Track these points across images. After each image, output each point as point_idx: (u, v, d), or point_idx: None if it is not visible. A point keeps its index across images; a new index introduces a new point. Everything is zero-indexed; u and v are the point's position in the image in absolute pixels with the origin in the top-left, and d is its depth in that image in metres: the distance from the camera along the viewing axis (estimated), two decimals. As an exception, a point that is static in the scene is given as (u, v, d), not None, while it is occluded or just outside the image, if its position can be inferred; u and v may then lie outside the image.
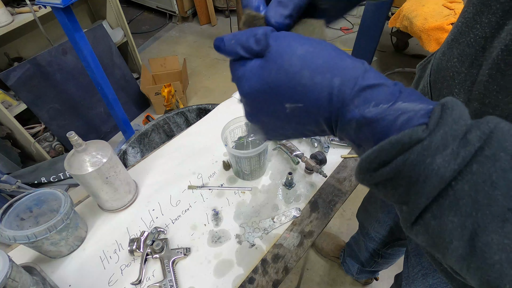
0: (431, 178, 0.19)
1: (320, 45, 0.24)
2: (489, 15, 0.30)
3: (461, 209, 0.18)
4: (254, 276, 0.57)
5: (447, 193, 0.19)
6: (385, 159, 0.20)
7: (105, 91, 1.36)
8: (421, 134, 0.19)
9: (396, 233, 0.82)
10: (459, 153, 0.18)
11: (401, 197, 0.21)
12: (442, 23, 1.56)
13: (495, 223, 0.17)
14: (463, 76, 0.35)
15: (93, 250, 0.62)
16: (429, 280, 0.54)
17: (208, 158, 0.78)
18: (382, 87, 0.22)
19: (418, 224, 0.21)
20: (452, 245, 0.19)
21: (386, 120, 0.21)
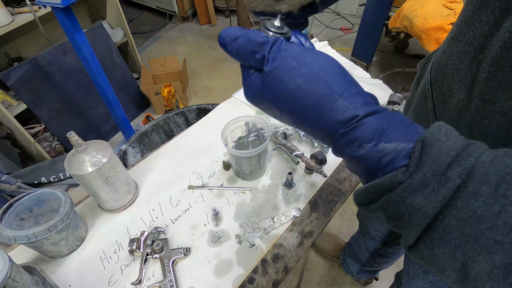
0: (415, 215, 0.20)
1: (318, 78, 0.24)
2: (488, 13, 0.30)
3: (450, 242, 0.19)
4: (254, 276, 0.57)
5: (436, 226, 0.20)
6: (371, 198, 0.22)
7: (105, 91, 1.36)
8: (401, 178, 0.20)
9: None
10: (440, 191, 0.19)
11: (395, 227, 0.23)
12: (442, 23, 1.56)
13: (484, 255, 0.18)
14: (463, 73, 0.35)
15: (93, 250, 0.62)
16: (430, 277, 0.54)
17: (208, 158, 0.78)
18: (364, 124, 0.23)
19: (413, 251, 0.22)
20: (446, 273, 0.20)
21: (370, 161, 0.22)
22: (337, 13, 3.08)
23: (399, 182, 0.20)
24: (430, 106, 0.44)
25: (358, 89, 0.25)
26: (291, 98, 0.24)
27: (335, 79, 0.24)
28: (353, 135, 0.23)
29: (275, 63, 0.25)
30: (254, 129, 0.75)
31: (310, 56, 0.25)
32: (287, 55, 0.25)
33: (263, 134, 0.74)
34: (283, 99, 0.25)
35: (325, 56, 0.25)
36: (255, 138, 0.75)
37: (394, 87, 2.16)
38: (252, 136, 0.75)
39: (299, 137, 0.80)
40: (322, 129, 0.24)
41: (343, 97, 0.23)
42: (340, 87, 0.24)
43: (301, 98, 0.24)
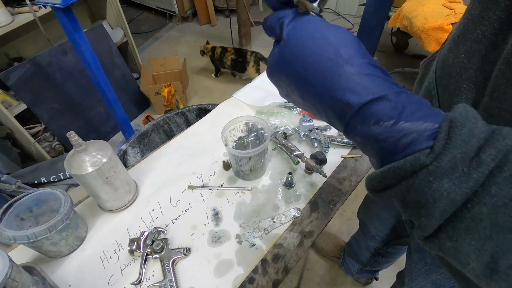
0: (441, 202, 0.18)
1: (329, 44, 0.23)
2: (498, 11, 0.30)
3: (479, 232, 0.17)
4: (254, 276, 0.57)
5: (463, 215, 0.18)
6: (388, 183, 0.20)
7: (105, 91, 1.36)
8: (424, 160, 0.18)
9: (398, 230, 0.81)
10: (471, 175, 0.17)
11: (412, 217, 0.21)
12: (442, 23, 1.56)
13: None
14: (472, 72, 0.34)
15: (93, 250, 0.62)
16: (433, 276, 0.54)
17: (208, 158, 0.78)
18: (382, 101, 0.21)
19: (431, 242, 0.20)
20: (469, 266, 0.18)
21: (387, 142, 0.20)
22: (337, 13, 3.08)
23: (422, 166, 0.18)
24: (436, 104, 0.43)
25: (371, 61, 0.23)
26: (301, 65, 0.24)
27: (346, 47, 0.22)
28: (369, 110, 0.21)
29: (293, 27, 0.25)
30: (254, 129, 0.75)
31: (324, 25, 0.25)
32: (304, 22, 0.25)
33: (263, 134, 0.74)
34: (295, 65, 0.24)
35: (339, 27, 0.25)
36: (255, 138, 0.75)
37: (394, 87, 2.15)
38: (252, 136, 0.75)
39: (299, 137, 0.80)
40: (331, 100, 0.22)
41: (350, 64, 0.22)
42: (349, 54, 0.22)
43: (311, 63, 0.23)
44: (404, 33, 2.04)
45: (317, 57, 0.23)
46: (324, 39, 0.23)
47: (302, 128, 0.80)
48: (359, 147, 0.24)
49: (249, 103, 0.92)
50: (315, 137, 0.77)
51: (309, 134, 0.79)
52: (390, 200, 0.22)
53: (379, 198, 0.22)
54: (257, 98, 0.93)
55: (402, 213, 0.22)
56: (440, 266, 0.51)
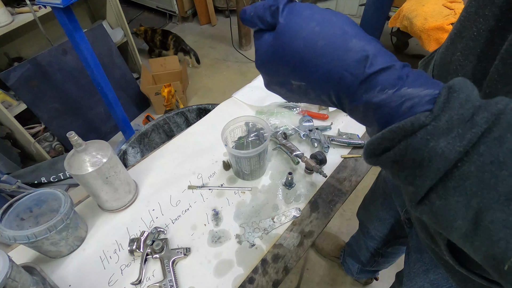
0: (435, 161, 0.19)
1: (330, 22, 0.23)
2: (494, 9, 0.30)
3: (466, 189, 0.19)
4: (254, 276, 0.57)
5: (453, 174, 0.19)
6: (388, 145, 0.21)
7: (105, 91, 1.36)
8: (424, 120, 0.19)
9: (397, 231, 0.82)
10: (465, 136, 0.18)
11: (407, 179, 0.22)
12: (442, 23, 1.56)
13: (501, 202, 0.18)
14: (469, 69, 0.34)
15: (93, 250, 0.62)
16: (430, 276, 0.54)
17: (208, 158, 0.78)
18: (389, 70, 0.22)
19: (423, 204, 0.21)
20: (456, 223, 0.19)
21: (389, 107, 0.21)
22: (337, 13, 3.08)
23: (421, 125, 0.19)
24: None
25: (371, 37, 0.24)
26: (302, 45, 0.23)
27: (348, 25, 0.23)
28: (376, 79, 0.22)
29: (292, 9, 0.25)
30: (254, 129, 0.75)
31: (319, 8, 0.25)
32: (300, 6, 0.25)
33: (263, 134, 0.74)
34: (295, 48, 0.24)
35: (332, 10, 0.26)
36: (255, 138, 0.75)
37: (394, 87, 2.16)
38: (252, 136, 0.75)
39: (299, 137, 0.80)
40: (338, 77, 0.23)
41: (357, 38, 0.23)
42: (353, 30, 0.23)
43: (315, 41, 0.23)
44: (404, 33, 2.04)
45: (323, 36, 0.23)
46: (325, 19, 0.23)
47: (302, 128, 0.80)
48: (359, 117, 0.24)
49: (249, 103, 0.92)
50: (315, 137, 0.77)
51: (309, 134, 0.79)
52: (386, 166, 0.22)
53: (377, 163, 0.22)
54: (257, 98, 0.93)
55: (397, 180, 0.23)
56: (438, 266, 0.52)
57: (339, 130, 0.82)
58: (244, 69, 2.54)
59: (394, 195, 0.69)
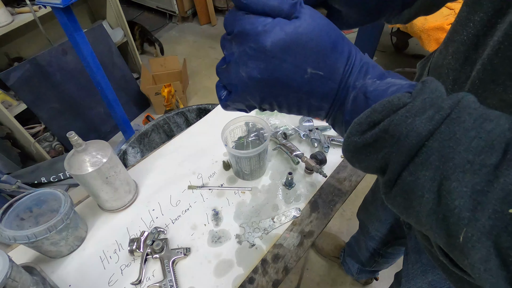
0: (410, 136, 0.22)
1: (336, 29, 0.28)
2: (481, 14, 0.31)
3: (431, 164, 0.21)
4: (254, 276, 0.57)
5: (421, 151, 0.22)
6: (375, 118, 0.24)
7: (105, 91, 1.36)
8: (406, 99, 0.23)
9: (397, 231, 0.82)
10: (434, 117, 0.21)
11: (384, 159, 0.24)
12: (442, 23, 1.56)
13: (457, 173, 0.20)
14: (457, 73, 0.35)
15: (93, 250, 0.62)
16: (429, 277, 0.54)
17: (208, 158, 0.78)
18: (375, 66, 0.27)
19: (397, 185, 0.24)
20: (424, 198, 0.22)
21: (378, 90, 0.25)
22: (337, 13, 3.08)
23: (404, 104, 0.23)
24: None
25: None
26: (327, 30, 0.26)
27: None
28: (368, 69, 0.27)
29: (306, 6, 0.27)
30: (254, 129, 0.75)
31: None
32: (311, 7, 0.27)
33: (263, 134, 0.74)
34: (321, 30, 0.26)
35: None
36: (255, 138, 0.75)
37: (394, 87, 2.16)
38: (252, 136, 0.75)
39: (299, 137, 0.80)
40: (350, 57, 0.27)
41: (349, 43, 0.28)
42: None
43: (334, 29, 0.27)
44: (404, 33, 2.04)
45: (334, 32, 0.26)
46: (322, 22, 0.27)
47: (302, 128, 0.80)
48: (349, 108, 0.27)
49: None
50: (315, 137, 0.77)
51: (309, 134, 0.79)
52: (367, 146, 0.24)
53: (358, 141, 0.25)
54: (257, 98, 0.93)
55: (374, 163, 0.25)
56: (436, 267, 0.52)
57: (339, 130, 0.82)
58: (244, 69, 2.54)
59: None
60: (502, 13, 0.28)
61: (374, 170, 0.26)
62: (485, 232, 0.19)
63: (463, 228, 0.20)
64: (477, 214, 0.19)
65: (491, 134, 0.20)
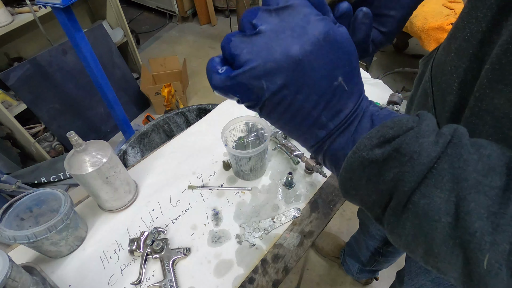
0: (423, 155, 0.22)
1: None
2: (484, 10, 0.31)
3: (445, 185, 0.21)
4: (254, 276, 0.57)
5: (432, 173, 0.21)
6: (386, 134, 0.23)
7: (105, 91, 1.36)
8: (412, 123, 0.23)
9: None
10: (438, 141, 0.22)
11: (392, 181, 0.23)
12: (442, 23, 1.56)
13: (473, 194, 0.20)
14: (462, 70, 0.35)
15: (93, 250, 0.62)
16: (432, 274, 0.54)
17: (208, 158, 0.78)
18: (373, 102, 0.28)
19: (407, 210, 0.23)
20: (440, 223, 0.21)
21: (382, 115, 0.26)
22: (337, 13, 3.07)
23: (411, 127, 0.23)
24: (431, 103, 0.44)
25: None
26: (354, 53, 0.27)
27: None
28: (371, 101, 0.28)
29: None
30: (254, 129, 0.75)
31: None
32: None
33: (263, 134, 0.74)
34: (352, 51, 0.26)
35: None
36: (255, 138, 0.75)
37: (394, 87, 2.16)
38: (252, 136, 0.75)
39: (299, 137, 0.80)
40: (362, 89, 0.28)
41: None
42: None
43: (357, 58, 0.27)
44: (404, 33, 2.04)
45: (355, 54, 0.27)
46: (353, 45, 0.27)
47: (302, 128, 0.80)
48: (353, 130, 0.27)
49: (249, 103, 0.92)
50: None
51: (309, 134, 0.78)
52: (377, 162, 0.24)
53: (369, 157, 0.24)
54: (257, 98, 0.93)
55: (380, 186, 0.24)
56: None
57: (339, 130, 0.82)
58: (244, 69, 2.54)
59: None
60: (507, 10, 0.28)
61: (375, 195, 0.24)
62: (505, 258, 0.18)
63: (486, 253, 0.19)
64: (497, 238, 0.18)
65: (491, 158, 0.21)
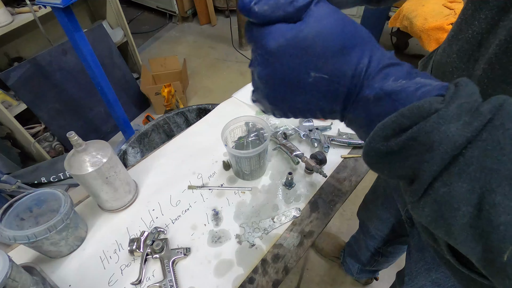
0: (445, 144, 0.20)
1: (350, 19, 0.25)
2: (486, 11, 0.31)
3: (470, 175, 0.19)
4: (254, 276, 0.57)
5: (458, 160, 0.20)
6: (402, 124, 0.21)
7: (105, 91, 1.36)
8: (438, 105, 0.20)
9: (398, 230, 0.82)
10: (472, 123, 0.19)
11: (411, 168, 0.22)
12: (442, 23, 1.56)
13: (503, 186, 0.18)
14: (461, 71, 0.35)
15: (93, 250, 0.62)
16: (433, 275, 0.54)
17: (208, 158, 0.78)
18: (401, 66, 0.24)
19: (427, 195, 0.22)
20: (460, 211, 0.20)
21: (406, 92, 0.23)
22: (337, 13, 3.08)
23: (436, 109, 0.20)
24: None
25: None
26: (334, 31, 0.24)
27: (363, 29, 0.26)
28: (390, 70, 0.24)
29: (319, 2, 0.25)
30: (254, 129, 0.75)
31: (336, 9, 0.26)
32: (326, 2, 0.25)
33: (263, 134, 0.74)
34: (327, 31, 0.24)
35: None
36: (255, 138, 0.75)
37: (394, 87, 2.16)
38: (252, 136, 0.75)
39: (299, 137, 0.80)
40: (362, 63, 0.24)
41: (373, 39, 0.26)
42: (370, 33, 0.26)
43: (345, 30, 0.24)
44: (404, 33, 2.04)
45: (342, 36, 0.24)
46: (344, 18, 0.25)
47: (302, 128, 0.80)
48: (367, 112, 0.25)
49: (249, 103, 0.92)
50: (315, 137, 0.77)
51: (309, 134, 0.79)
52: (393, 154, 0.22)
53: (382, 148, 0.22)
54: (257, 98, 0.93)
55: (398, 171, 0.23)
56: (440, 265, 0.52)
57: (339, 130, 0.82)
58: (244, 69, 2.54)
59: (395, 194, 0.69)
60: (505, 11, 0.28)
61: (398, 177, 0.24)
62: None
63: (509, 246, 0.18)
64: None
65: None
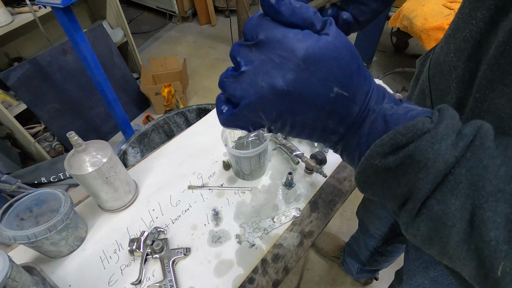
0: (438, 162, 0.21)
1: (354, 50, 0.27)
2: (483, 11, 0.31)
3: (461, 191, 0.20)
4: (254, 276, 0.57)
5: (448, 178, 0.21)
6: (399, 142, 0.22)
7: (105, 91, 1.36)
8: (429, 125, 0.22)
9: (397, 229, 0.82)
10: (458, 144, 0.21)
11: (406, 186, 0.23)
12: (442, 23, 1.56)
13: (489, 202, 0.19)
14: (460, 70, 0.35)
15: (93, 250, 0.62)
16: (430, 273, 0.54)
17: (208, 158, 0.78)
18: (391, 93, 0.27)
19: (421, 214, 0.22)
20: (455, 228, 0.21)
21: (397, 114, 0.24)
22: (337, 13, 3.07)
23: (427, 130, 0.22)
24: (429, 103, 0.44)
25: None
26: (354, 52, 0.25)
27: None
28: (384, 96, 0.26)
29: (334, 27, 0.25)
30: (254, 129, 0.75)
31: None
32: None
33: (263, 134, 0.74)
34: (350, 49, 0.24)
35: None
36: (255, 138, 0.75)
37: (394, 87, 2.16)
38: (252, 136, 0.75)
39: (299, 137, 0.80)
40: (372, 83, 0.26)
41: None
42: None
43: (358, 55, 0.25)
44: (404, 33, 2.04)
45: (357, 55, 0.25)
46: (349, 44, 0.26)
47: (302, 128, 0.80)
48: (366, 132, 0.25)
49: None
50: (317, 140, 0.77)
51: (309, 134, 0.79)
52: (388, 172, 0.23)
53: (378, 165, 0.23)
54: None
55: (394, 190, 0.24)
56: (438, 263, 0.52)
57: (339, 130, 0.82)
58: (244, 69, 2.53)
59: None
60: (504, 11, 0.28)
61: (391, 196, 0.25)
62: None
63: (500, 261, 0.19)
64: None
65: None
